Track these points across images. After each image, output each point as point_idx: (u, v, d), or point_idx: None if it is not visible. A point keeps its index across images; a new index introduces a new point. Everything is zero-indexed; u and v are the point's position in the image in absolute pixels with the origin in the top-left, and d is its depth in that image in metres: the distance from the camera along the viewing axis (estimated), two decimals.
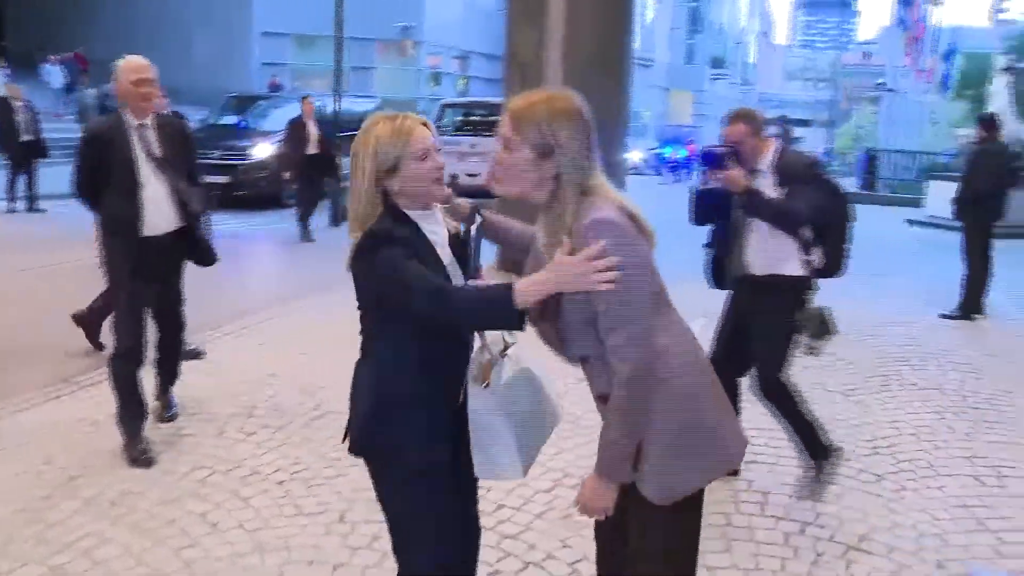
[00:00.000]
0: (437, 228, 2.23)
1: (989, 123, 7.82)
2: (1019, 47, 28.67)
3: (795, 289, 3.86)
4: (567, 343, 2.14)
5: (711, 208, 3.98)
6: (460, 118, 16.41)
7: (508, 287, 2.01)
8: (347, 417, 2.33)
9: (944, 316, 7.90)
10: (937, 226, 14.69)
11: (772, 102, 75.90)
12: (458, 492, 2.34)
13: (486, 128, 15.52)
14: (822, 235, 3.86)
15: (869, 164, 21.57)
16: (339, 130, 14.26)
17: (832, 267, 3.97)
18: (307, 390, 5.20)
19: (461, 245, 2.30)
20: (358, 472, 4.02)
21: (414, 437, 2.22)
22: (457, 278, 2.23)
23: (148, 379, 4.45)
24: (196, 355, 5.66)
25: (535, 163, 2.07)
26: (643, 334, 2.03)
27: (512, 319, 2.02)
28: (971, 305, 7.88)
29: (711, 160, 3.70)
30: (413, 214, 2.18)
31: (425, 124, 2.18)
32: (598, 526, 2.49)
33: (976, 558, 3.53)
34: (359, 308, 2.28)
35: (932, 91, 36.80)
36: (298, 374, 5.50)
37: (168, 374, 4.68)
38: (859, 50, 36.75)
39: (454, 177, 12.58)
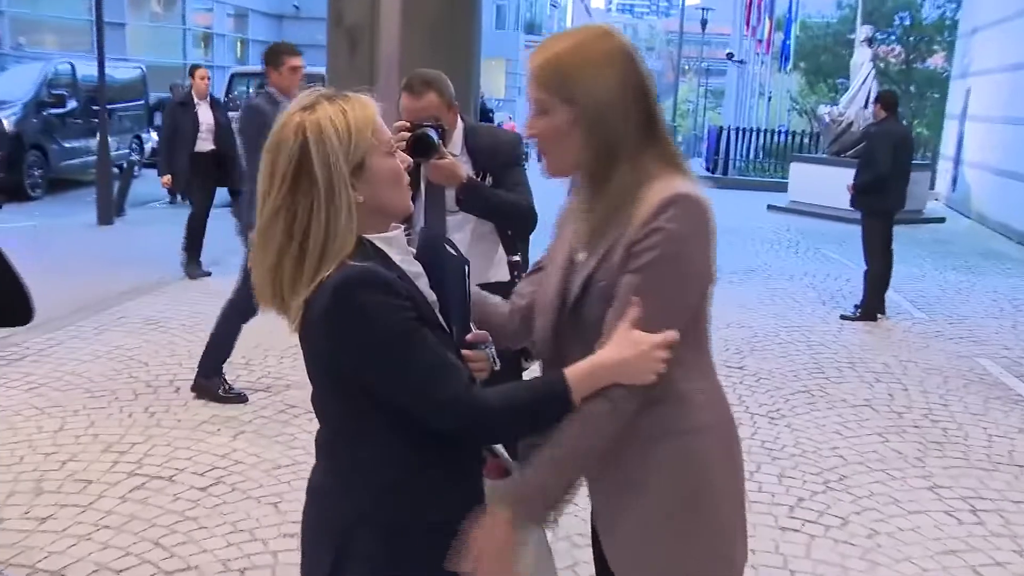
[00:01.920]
0: (408, 256, 1.78)
1: (890, 100, 8.08)
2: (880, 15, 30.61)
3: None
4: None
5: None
6: (255, 91, 15.54)
7: (560, 378, 1.69)
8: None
9: (845, 318, 8.12)
10: (802, 212, 15.36)
11: None
12: None
13: None
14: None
15: (717, 143, 22.37)
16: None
17: (525, 265, 3.68)
18: (112, 447, 4.57)
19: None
20: (210, 562, 3.51)
21: None
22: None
23: None
24: None
25: (585, 126, 1.77)
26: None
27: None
28: (874, 304, 8.14)
29: (425, 146, 3.07)
30: (379, 239, 1.73)
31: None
32: None
33: None
34: (321, 393, 1.78)
35: (769, 63, 38.89)
36: (98, 423, 4.85)
37: None
38: (695, 16, 38.21)
39: None
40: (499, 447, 1.86)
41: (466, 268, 1.87)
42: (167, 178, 9.64)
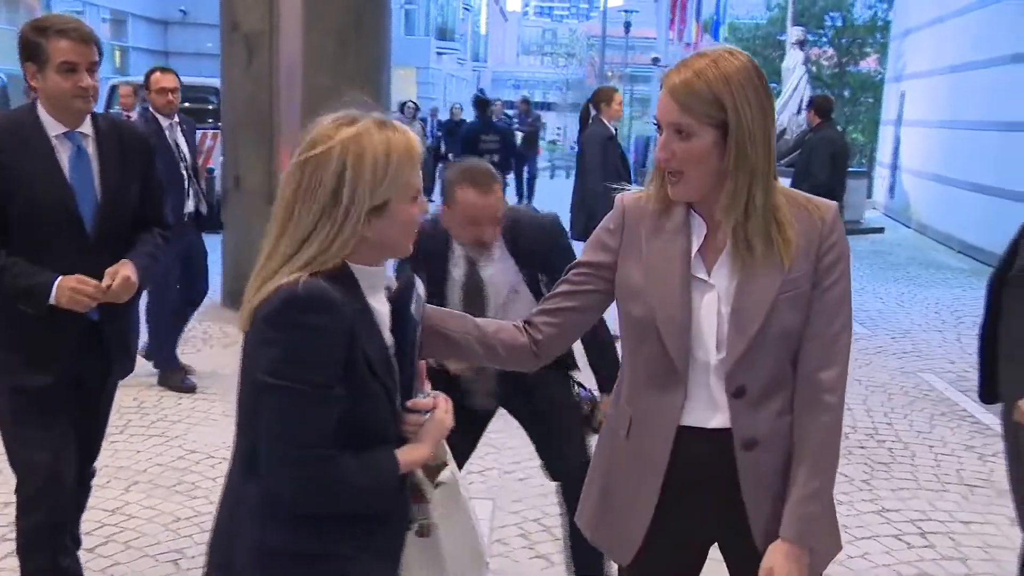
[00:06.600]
0: (380, 295, 1.89)
1: (824, 106, 8.31)
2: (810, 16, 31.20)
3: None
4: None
5: None
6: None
7: (390, 455, 1.84)
8: None
9: None
10: None
11: (507, 81, 78.72)
12: None
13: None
14: None
15: (644, 154, 22.65)
16: None
17: None
18: None
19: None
20: None
21: None
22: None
23: None
24: None
25: (730, 148, 1.87)
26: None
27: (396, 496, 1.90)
28: None
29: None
30: (359, 270, 1.81)
31: None
32: None
33: None
34: (245, 400, 1.85)
35: None
36: None
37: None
38: (618, 19, 38.81)
39: None
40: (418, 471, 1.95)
41: (418, 334, 1.97)
42: None
